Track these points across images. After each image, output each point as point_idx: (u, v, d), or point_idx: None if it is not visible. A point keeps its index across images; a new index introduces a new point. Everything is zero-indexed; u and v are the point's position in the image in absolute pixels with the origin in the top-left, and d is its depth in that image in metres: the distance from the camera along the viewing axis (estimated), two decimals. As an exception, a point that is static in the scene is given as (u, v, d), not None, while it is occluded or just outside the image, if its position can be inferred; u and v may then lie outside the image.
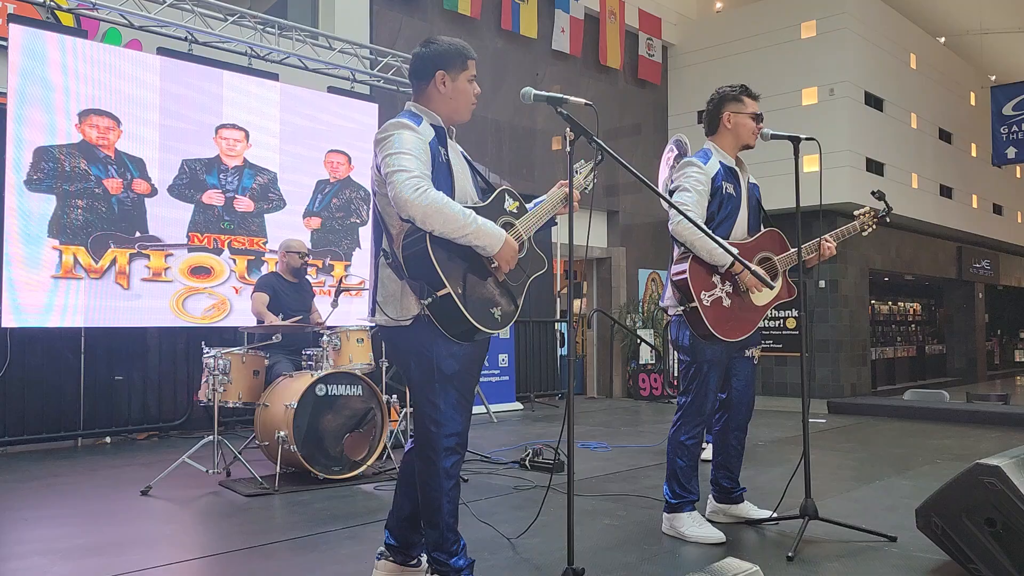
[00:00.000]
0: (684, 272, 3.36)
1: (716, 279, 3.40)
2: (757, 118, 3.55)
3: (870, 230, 3.86)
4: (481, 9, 9.95)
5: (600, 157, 2.78)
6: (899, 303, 16.89)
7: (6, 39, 6.02)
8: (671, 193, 3.52)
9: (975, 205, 15.63)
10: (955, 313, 17.62)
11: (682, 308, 3.39)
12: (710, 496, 3.75)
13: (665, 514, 3.51)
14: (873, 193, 3.84)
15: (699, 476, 3.53)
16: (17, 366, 6.06)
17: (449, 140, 2.75)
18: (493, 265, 2.60)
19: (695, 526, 3.41)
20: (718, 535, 3.37)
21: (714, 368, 3.44)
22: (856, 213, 3.87)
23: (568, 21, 11.11)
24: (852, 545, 3.34)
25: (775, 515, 3.60)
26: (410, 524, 2.77)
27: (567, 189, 2.76)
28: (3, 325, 5.79)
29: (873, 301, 14.62)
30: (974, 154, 15.78)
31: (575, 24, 11.20)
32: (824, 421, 7.95)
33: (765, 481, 4.70)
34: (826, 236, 3.73)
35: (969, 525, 2.78)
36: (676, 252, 3.49)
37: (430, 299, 2.47)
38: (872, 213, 3.84)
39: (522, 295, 2.72)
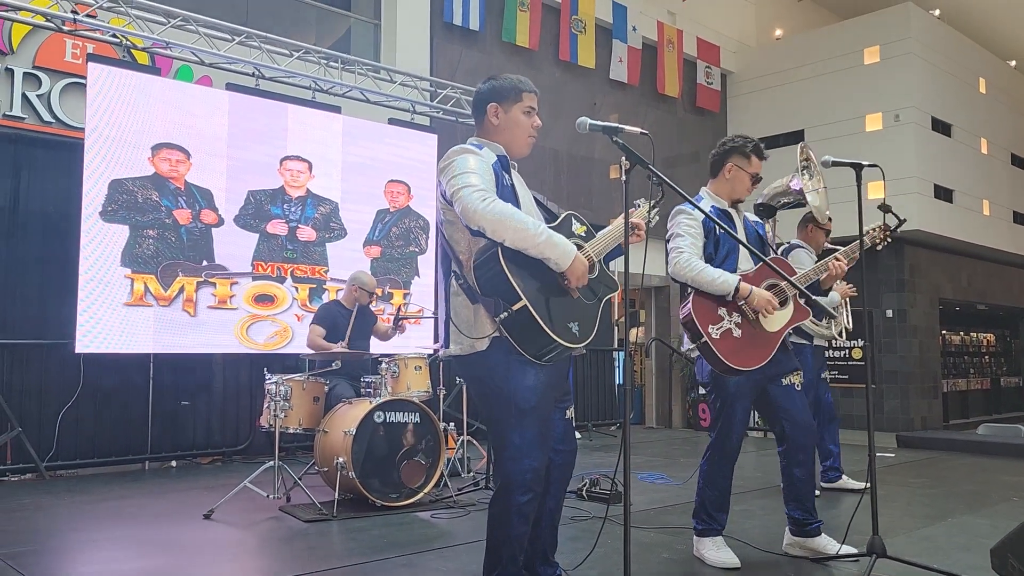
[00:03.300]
0: (688, 310, 3.40)
1: (722, 311, 3.39)
2: (756, 179, 3.61)
3: (884, 244, 3.80)
4: (539, 40, 10.08)
5: (661, 195, 2.78)
6: (972, 333, 16.29)
7: (86, 77, 6.32)
8: (667, 242, 3.59)
9: (1052, 232, 15.05)
10: (1032, 344, 16.93)
11: (695, 345, 3.41)
12: (787, 529, 3.68)
13: (695, 537, 3.64)
14: (880, 207, 3.77)
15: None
16: (89, 391, 6.26)
17: (515, 171, 2.78)
18: (565, 281, 2.59)
19: (714, 549, 3.53)
20: (733, 561, 3.45)
21: (738, 401, 3.48)
22: (866, 229, 3.79)
23: (626, 51, 11.16)
24: (923, 585, 3.21)
25: (841, 552, 3.49)
26: (535, 557, 2.78)
27: (633, 219, 2.77)
28: (77, 351, 6.00)
29: (944, 331, 14.14)
30: (1049, 180, 15.22)
31: (633, 53, 11.23)
32: (893, 455, 7.67)
33: (832, 517, 4.55)
34: (837, 254, 3.74)
35: (1049, 567, 2.65)
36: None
37: (505, 313, 2.45)
38: (883, 228, 3.80)
39: (597, 316, 2.69)
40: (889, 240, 3.83)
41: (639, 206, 2.91)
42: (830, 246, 4.81)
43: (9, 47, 6.58)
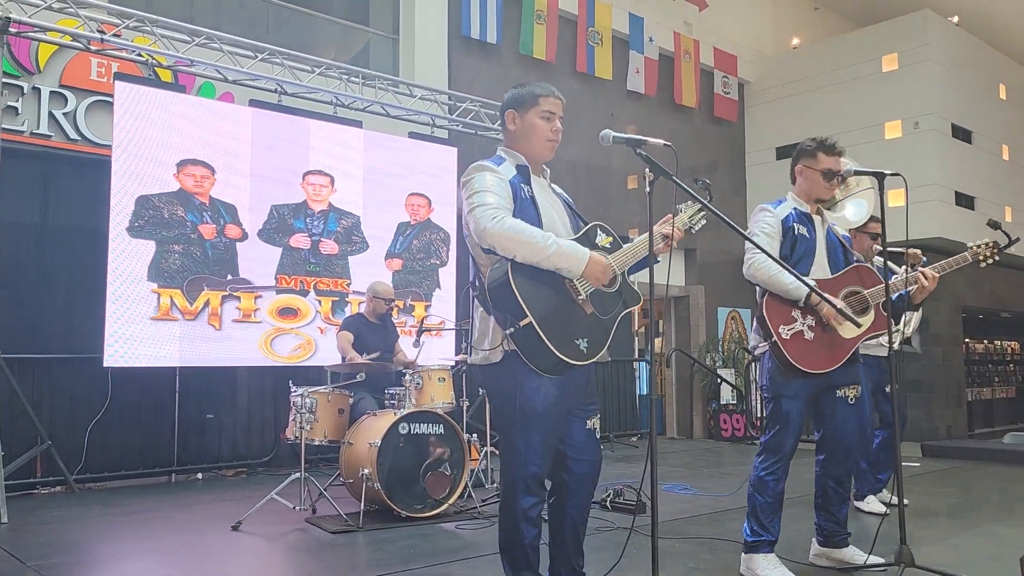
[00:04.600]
0: (761, 308, 3.43)
1: (796, 313, 3.40)
2: (828, 175, 3.54)
3: (989, 262, 3.73)
4: (556, 52, 10.13)
5: (709, 197, 2.79)
6: (995, 342, 16.11)
7: (110, 95, 6.43)
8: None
9: (1076, 238, 14.86)
10: (1058, 352, 16.70)
11: (766, 343, 3.42)
12: (813, 539, 3.67)
13: (743, 554, 3.48)
14: (989, 223, 3.77)
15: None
16: (117, 404, 6.33)
17: (539, 179, 2.82)
18: (580, 297, 2.61)
19: (769, 568, 3.38)
20: None
21: (794, 403, 3.43)
22: (971, 245, 3.75)
23: (643, 62, 11.19)
24: (953, 595, 3.19)
25: (869, 562, 3.48)
26: (561, 566, 2.78)
27: (666, 228, 2.79)
28: (105, 364, 6.08)
29: (967, 340, 14.00)
30: (1073, 185, 15.07)
31: (650, 64, 11.26)
32: (918, 464, 7.61)
33: (859, 528, 4.52)
34: (925, 271, 3.68)
35: (1082, 576, 2.63)
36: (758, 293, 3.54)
37: (512, 329, 2.49)
38: (991, 244, 3.73)
39: (611, 331, 2.70)
40: (996, 258, 3.75)
41: (681, 211, 2.91)
42: (892, 250, 4.77)
43: (36, 66, 6.70)
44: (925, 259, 4.83)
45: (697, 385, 11.26)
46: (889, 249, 4.66)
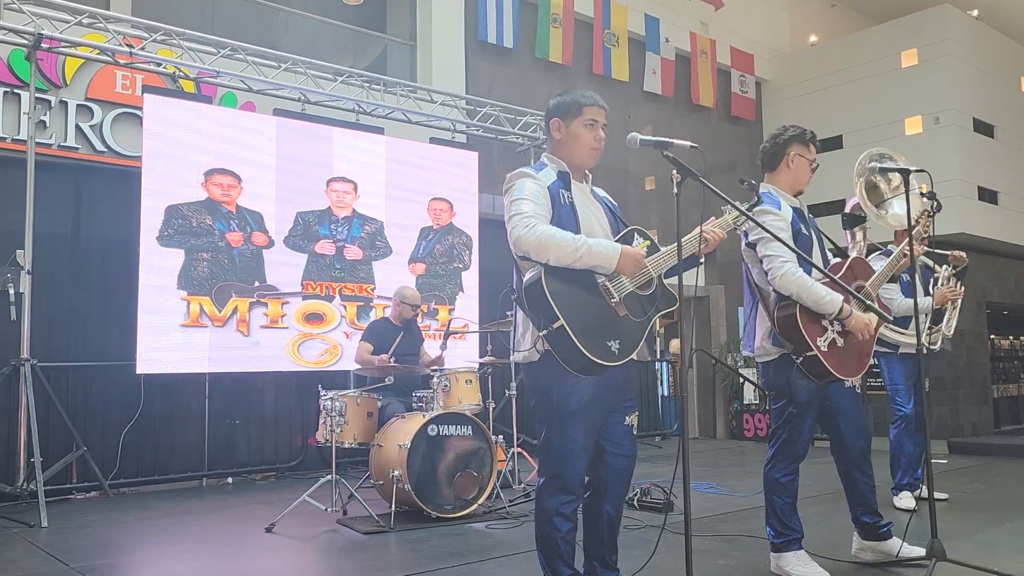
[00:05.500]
0: (794, 319, 3.30)
1: (825, 322, 3.35)
2: (814, 167, 3.57)
3: (927, 233, 3.97)
4: (572, 55, 10.17)
5: (757, 199, 2.83)
6: (1021, 338, 15.95)
7: (135, 107, 6.52)
8: (749, 246, 3.51)
9: (1101, 232, 14.71)
10: (1084, 347, 16.49)
11: (798, 358, 3.32)
12: (855, 534, 3.65)
13: (771, 553, 3.48)
14: (923, 194, 3.93)
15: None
16: (149, 411, 6.44)
17: (580, 184, 2.87)
18: (613, 300, 2.66)
19: (800, 565, 3.36)
20: (824, 575, 3.32)
21: (811, 409, 3.44)
22: (916, 218, 3.86)
23: (659, 63, 11.22)
24: (985, 589, 3.20)
25: (901, 554, 3.49)
26: (595, 560, 2.83)
27: (703, 230, 2.82)
28: (137, 371, 6.19)
29: (992, 336, 13.88)
30: (1097, 178, 14.91)
31: (666, 65, 11.29)
32: (945, 461, 7.58)
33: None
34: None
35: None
36: (772, 296, 3.44)
37: (546, 331, 2.56)
38: (926, 214, 3.92)
39: (644, 333, 2.74)
40: (930, 227, 3.96)
41: (725, 213, 2.96)
42: (934, 250, 4.83)
43: (63, 80, 6.84)
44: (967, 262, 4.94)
45: (719, 385, 11.25)
46: (934, 250, 4.73)
